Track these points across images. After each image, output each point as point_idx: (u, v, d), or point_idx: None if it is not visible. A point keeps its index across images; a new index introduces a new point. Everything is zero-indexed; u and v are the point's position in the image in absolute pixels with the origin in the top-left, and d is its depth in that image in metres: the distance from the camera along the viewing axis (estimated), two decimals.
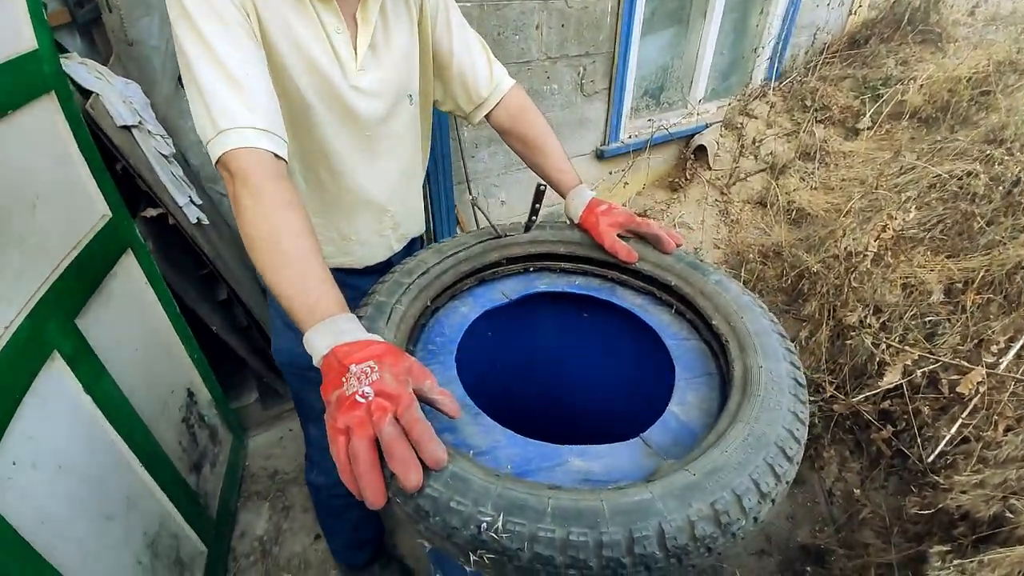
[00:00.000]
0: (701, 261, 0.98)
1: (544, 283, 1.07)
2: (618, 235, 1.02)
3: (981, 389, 0.99)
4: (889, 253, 1.53)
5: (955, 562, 0.80)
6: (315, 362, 0.64)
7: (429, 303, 0.92)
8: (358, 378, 0.58)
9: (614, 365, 1.13)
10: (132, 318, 1.39)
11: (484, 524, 0.52)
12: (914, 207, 1.29)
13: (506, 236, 1.06)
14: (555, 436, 0.75)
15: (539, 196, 1.00)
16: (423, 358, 0.86)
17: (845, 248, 1.48)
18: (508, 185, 2.27)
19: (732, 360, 0.77)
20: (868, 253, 1.34)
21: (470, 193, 2.07)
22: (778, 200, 2.27)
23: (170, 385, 1.49)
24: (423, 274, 0.94)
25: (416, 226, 1.22)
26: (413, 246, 1.25)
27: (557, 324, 1.19)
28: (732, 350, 0.79)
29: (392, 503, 0.57)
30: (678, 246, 1.01)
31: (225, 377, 1.89)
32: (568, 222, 1.12)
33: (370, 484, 0.55)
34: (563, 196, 1.10)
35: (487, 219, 1.04)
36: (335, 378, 0.60)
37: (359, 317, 0.81)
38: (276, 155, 0.74)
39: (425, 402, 0.63)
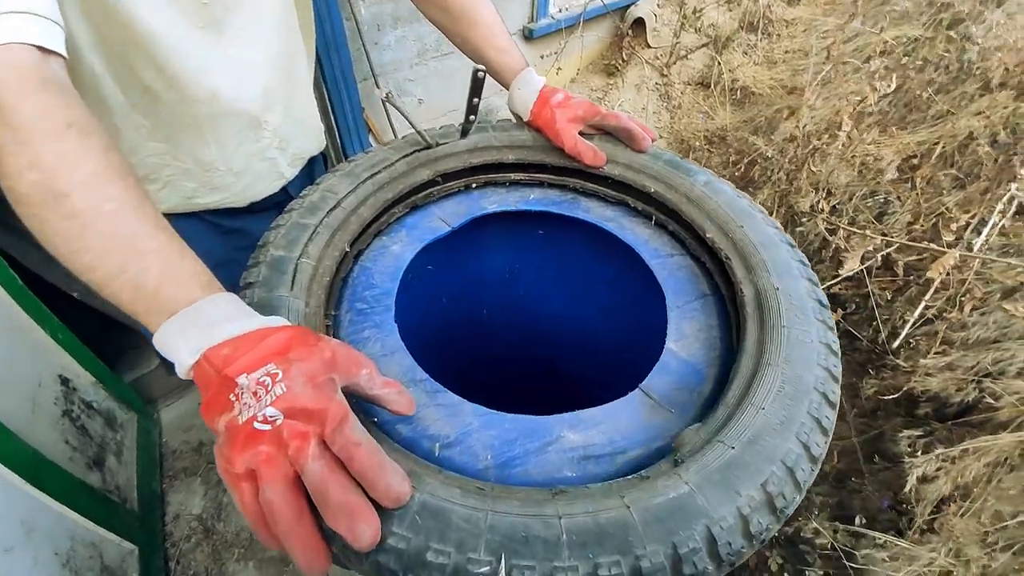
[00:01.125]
0: (682, 159, 0.81)
1: (492, 202, 0.86)
2: (580, 132, 0.81)
3: (951, 271, 0.97)
4: (845, 131, 1.44)
5: (938, 451, 0.80)
6: (180, 374, 0.42)
7: (348, 248, 0.69)
8: (254, 394, 0.38)
9: (590, 298, 0.98)
10: None
11: None
12: (895, 78, 1.17)
13: (438, 145, 0.82)
14: (538, 404, 0.60)
15: (477, 86, 0.75)
16: (352, 324, 0.65)
17: (804, 127, 1.38)
18: (425, 78, 1.90)
19: (739, 281, 0.64)
20: (840, 133, 1.24)
21: (378, 88, 1.71)
22: (721, 79, 2.11)
23: (34, 377, 1.18)
24: (333, 209, 0.70)
25: (313, 141, 0.92)
26: (315, 169, 0.97)
27: (514, 252, 1.00)
28: (736, 269, 0.65)
29: (340, 563, 0.41)
30: (653, 141, 0.83)
31: (111, 348, 1.56)
32: (514, 119, 0.88)
33: (301, 546, 0.37)
34: (505, 85, 0.85)
35: (409, 123, 0.78)
36: (218, 398, 0.39)
37: (246, 286, 0.58)
38: (43, 49, 0.44)
39: (365, 400, 0.45)
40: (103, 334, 1.57)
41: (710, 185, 0.75)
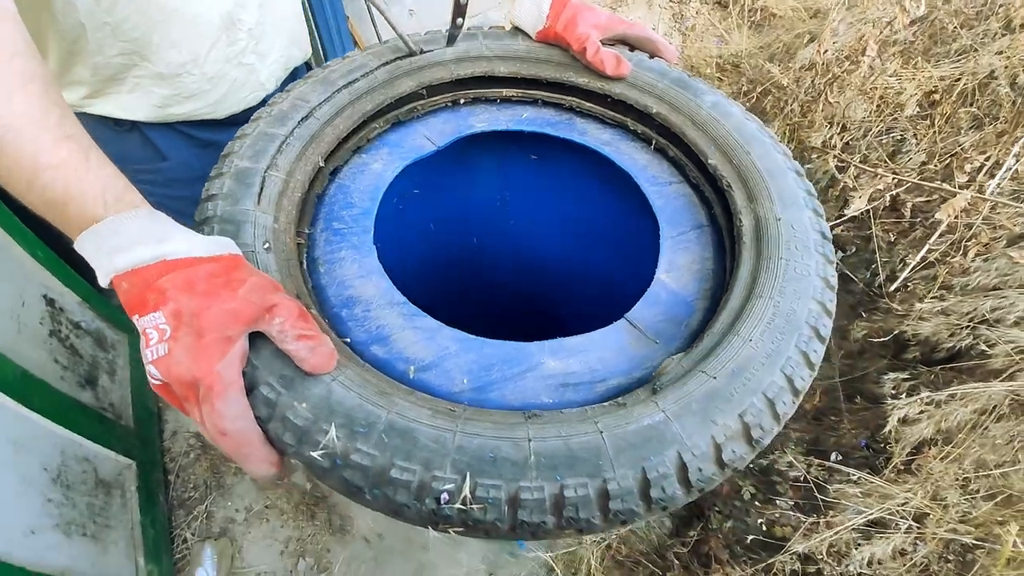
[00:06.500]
0: (691, 77, 0.74)
1: (481, 120, 0.80)
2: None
3: (959, 215, 0.92)
4: (869, 57, 1.33)
5: (923, 395, 0.80)
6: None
7: (322, 162, 0.64)
8: (146, 339, 0.38)
9: (579, 225, 0.94)
10: None
11: (444, 495, 0.36)
12: (924, 2, 1.06)
13: (422, 52, 0.74)
14: (518, 332, 0.58)
15: None
16: (328, 243, 0.62)
17: (825, 53, 1.27)
18: None
19: (738, 211, 0.60)
20: (863, 59, 1.14)
21: None
22: None
23: (16, 296, 1.16)
24: (305, 119, 0.64)
25: (296, 48, 0.84)
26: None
27: (503, 175, 0.95)
28: (737, 197, 0.61)
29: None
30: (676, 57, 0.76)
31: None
32: (513, 27, 0.80)
33: (245, 461, 0.39)
34: None
35: (390, 25, 0.71)
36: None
37: (208, 198, 0.54)
38: None
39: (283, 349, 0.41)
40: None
41: (718, 107, 0.69)
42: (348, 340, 0.51)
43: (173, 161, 0.76)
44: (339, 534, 1.43)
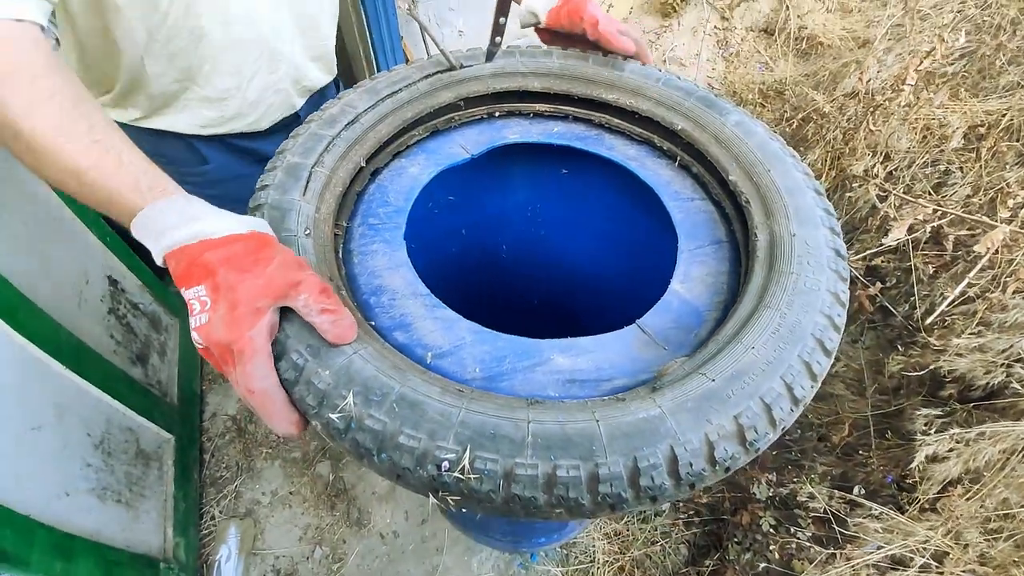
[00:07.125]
0: (718, 96, 0.76)
1: (514, 132, 0.84)
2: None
3: (998, 248, 0.89)
4: (910, 85, 1.31)
5: (953, 431, 0.77)
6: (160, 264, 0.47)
7: (364, 163, 0.70)
8: (191, 309, 0.43)
9: (604, 237, 0.97)
10: (11, 204, 1.12)
11: (445, 463, 0.39)
12: (964, 32, 1.04)
13: (462, 67, 0.80)
14: (537, 332, 0.61)
15: (504, 4, 0.72)
16: (362, 237, 0.67)
17: (869, 81, 1.26)
18: (466, 8, 1.83)
19: (755, 227, 0.61)
20: (904, 87, 1.12)
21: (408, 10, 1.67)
22: (788, 25, 1.93)
23: (81, 274, 1.28)
24: (351, 123, 0.70)
25: (328, 72, 0.92)
26: (326, 96, 0.97)
27: (532, 185, 0.99)
28: (755, 214, 0.62)
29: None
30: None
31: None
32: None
33: (269, 419, 0.44)
34: None
35: (433, 41, 0.76)
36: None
37: (261, 188, 0.60)
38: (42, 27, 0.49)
39: (308, 321, 0.45)
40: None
41: (742, 125, 0.71)
42: (373, 324, 0.56)
43: (214, 164, 0.85)
44: (356, 527, 1.47)
